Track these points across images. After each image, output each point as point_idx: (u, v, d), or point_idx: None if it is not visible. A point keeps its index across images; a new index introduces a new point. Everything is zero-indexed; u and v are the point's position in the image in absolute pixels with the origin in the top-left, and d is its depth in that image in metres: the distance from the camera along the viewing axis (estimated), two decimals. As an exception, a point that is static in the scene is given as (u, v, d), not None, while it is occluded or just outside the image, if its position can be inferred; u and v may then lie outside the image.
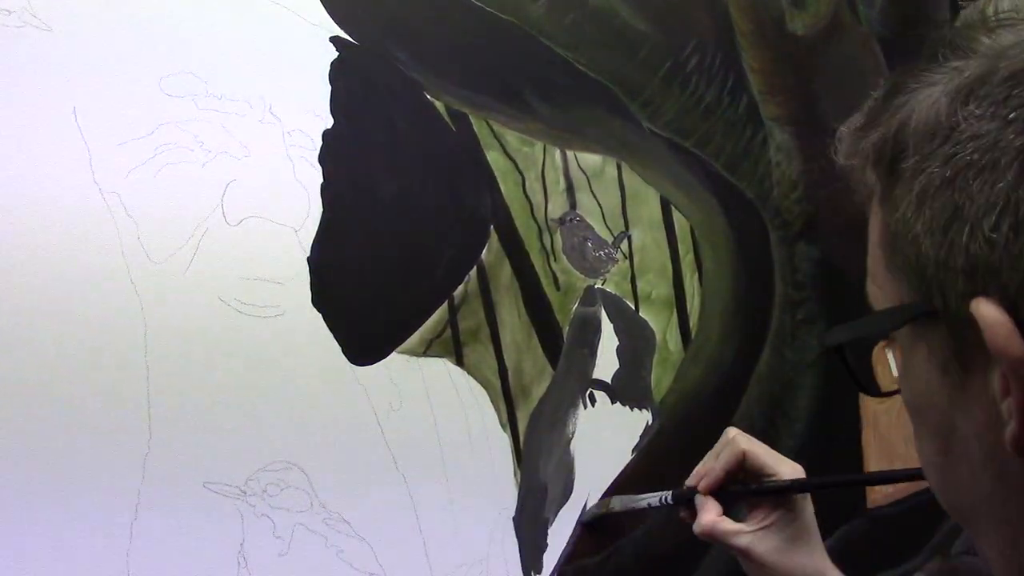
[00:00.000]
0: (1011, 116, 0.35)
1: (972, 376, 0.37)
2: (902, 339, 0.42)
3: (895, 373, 0.45)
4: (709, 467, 0.77)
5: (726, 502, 0.77)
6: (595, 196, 0.95)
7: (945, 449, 0.41)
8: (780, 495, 0.75)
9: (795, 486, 0.75)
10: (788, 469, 0.76)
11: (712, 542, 0.76)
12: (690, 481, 0.80)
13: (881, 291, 0.42)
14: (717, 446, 0.78)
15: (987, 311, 0.35)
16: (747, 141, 1.05)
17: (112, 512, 0.69)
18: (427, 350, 0.84)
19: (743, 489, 0.76)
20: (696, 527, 0.76)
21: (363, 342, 0.81)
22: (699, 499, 0.78)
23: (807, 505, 0.76)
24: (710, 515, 0.75)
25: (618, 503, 0.90)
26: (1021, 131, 0.35)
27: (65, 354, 0.68)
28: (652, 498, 0.85)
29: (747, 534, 0.75)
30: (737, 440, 0.76)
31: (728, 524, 0.75)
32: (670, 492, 0.82)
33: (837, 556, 1.10)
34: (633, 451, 0.97)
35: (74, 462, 0.68)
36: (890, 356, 0.45)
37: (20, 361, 0.66)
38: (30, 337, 0.67)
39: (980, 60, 0.38)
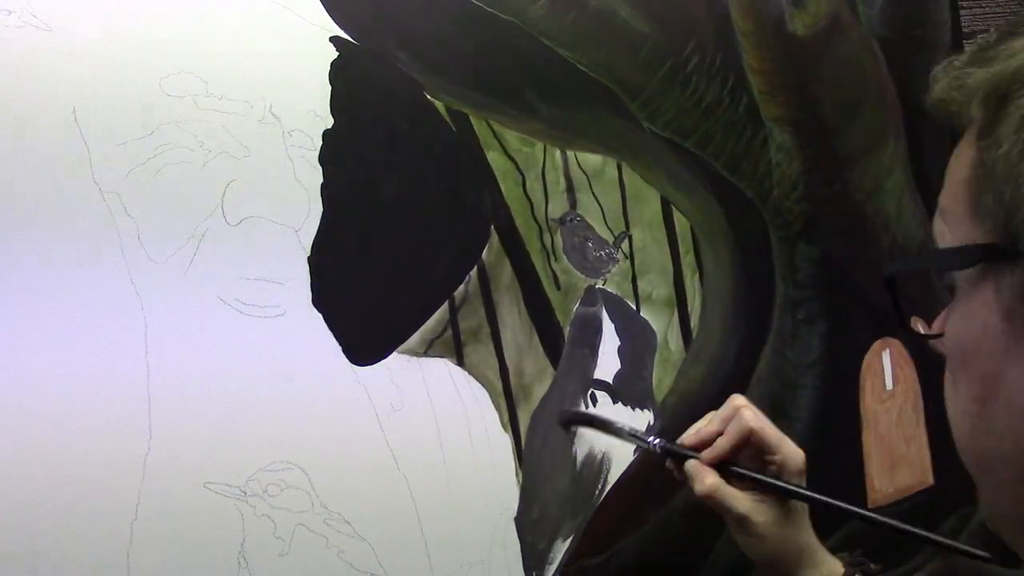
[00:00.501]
0: None
1: None
2: (965, 279, 0.42)
3: (888, 382, 0.45)
4: (709, 432, 0.77)
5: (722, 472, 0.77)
6: (595, 196, 0.95)
7: (984, 397, 0.41)
8: (776, 492, 0.75)
9: (797, 495, 0.75)
10: (790, 451, 0.76)
11: (710, 504, 0.76)
12: (687, 439, 0.79)
13: (950, 229, 0.42)
14: (723, 411, 0.77)
15: None
16: (747, 141, 1.05)
17: (112, 512, 0.69)
18: (428, 350, 0.84)
19: (746, 474, 0.76)
20: (699, 488, 0.76)
21: (363, 342, 0.80)
22: (691, 465, 0.77)
23: (803, 481, 0.77)
24: (712, 478, 0.75)
25: (600, 424, 0.88)
26: None
27: (65, 354, 0.68)
28: (639, 435, 0.83)
29: (747, 501, 0.75)
30: (744, 416, 0.75)
31: (730, 488, 0.75)
32: (659, 441, 0.81)
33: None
34: (635, 451, 0.97)
35: (74, 462, 0.68)
36: (885, 359, 0.45)
37: (20, 361, 0.66)
38: (30, 337, 0.67)
39: None
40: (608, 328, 0.96)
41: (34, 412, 0.67)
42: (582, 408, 0.91)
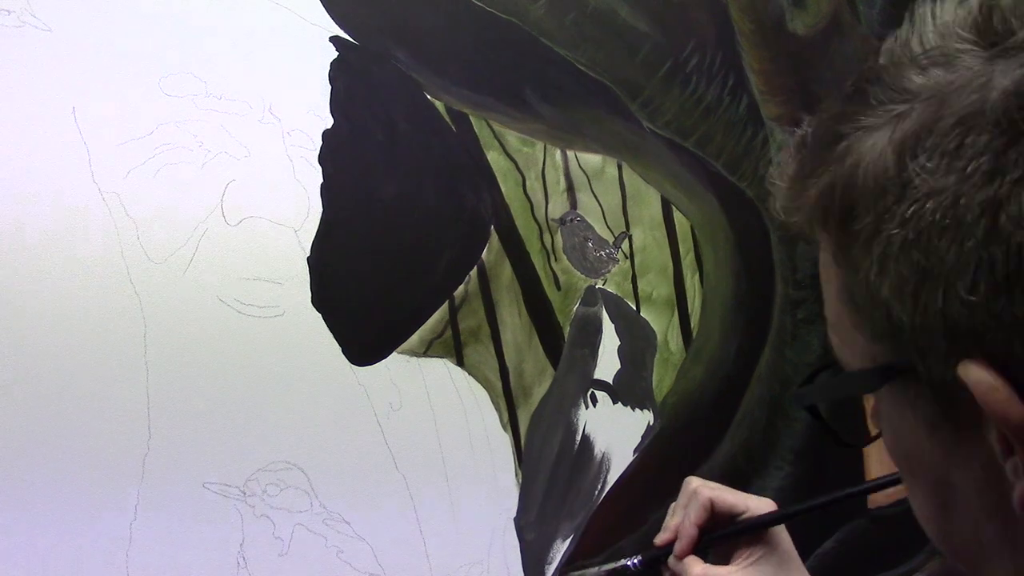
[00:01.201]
0: (968, 168, 0.32)
1: (966, 433, 0.35)
2: (881, 397, 0.39)
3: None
4: (678, 524, 0.76)
5: (703, 552, 0.76)
6: (596, 196, 0.95)
7: (943, 504, 0.38)
8: (754, 531, 0.75)
9: (766, 519, 0.75)
10: (756, 504, 0.75)
11: None
12: (661, 538, 0.78)
13: (846, 346, 0.39)
14: (681, 499, 0.77)
15: (978, 375, 0.32)
16: (747, 141, 1.05)
17: (112, 512, 0.69)
18: (427, 350, 0.84)
19: (719, 533, 0.75)
20: None
21: (363, 342, 0.80)
22: (671, 563, 0.77)
23: (784, 535, 0.76)
24: (697, 567, 0.74)
25: (593, 571, 0.89)
26: (982, 183, 0.32)
27: (64, 354, 0.68)
28: (613, 568, 0.82)
29: (739, 571, 0.74)
30: (700, 491, 0.74)
31: (717, 570, 0.75)
32: (635, 559, 0.80)
33: (837, 557, 1.11)
34: (635, 451, 0.97)
35: (74, 462, 0.68)
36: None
37: (20, 361, 0.66)
38: (30, 337, 0.67)
39: (920, 105, 0.35)
40: (608, 328, 0.96)
41: (33, 412, 0.67)
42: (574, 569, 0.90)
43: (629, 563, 0.80)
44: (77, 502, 0.68)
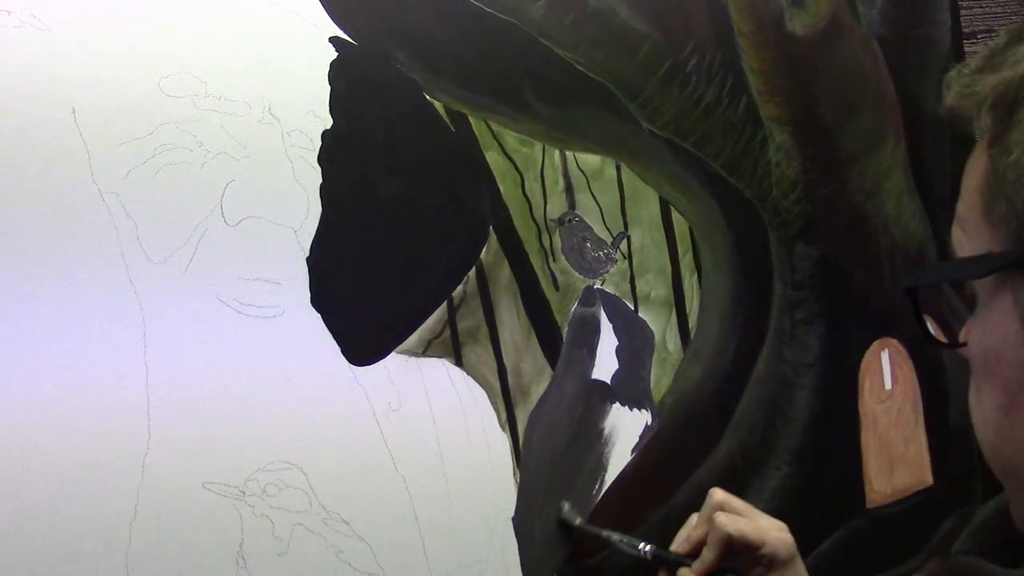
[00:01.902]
0: None
1: None
2: (984, 288, 0.41)
3: (887, 382, 0.45)
4: (697, 537, 0.78)
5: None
6: (594, 196, 0.95)
7: (1008, 405, 0.40)
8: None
9: None
10: (774, 539, 0.77)
11: None
12: (679, 546, 0.81)
13: (968, 237, 0.42)
14: (703, 510, 0.79)
15: None
16: (746, 141, 1.05)
17: (111, 512, 0.69)
18: (426, 350, 0.84)
19: (731, 568, 0.78)
20: None
21: (362, 342, 0.81)
22: (688, 572, 0.79)
23: (797, 560, 0.79)
24: None
25: (605, 532, 0.89)
26: None
27: (64, 354, 0.68)
28: (631, 543, 0.85)
29: None
30: (719, 524, 0.77)
31: None
32: (650, 548, 0.83)
33: (837, 556, 1.11)
34: (632, 451, 0.97)
35: (73, 462, 0.68)
36: (884, 359, 0.45)
37: (20, 361, 0.66)
38: (29, 337, 0.67)
39: None
40: (606, 328, 0.96)
41: (33, 412, 0.67)
42: (575, 520, 0.91)
43: (644, 548, 0.83)
44: (77, 502, 0.68)
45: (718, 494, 0.80)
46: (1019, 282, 0.39)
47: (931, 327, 0.45)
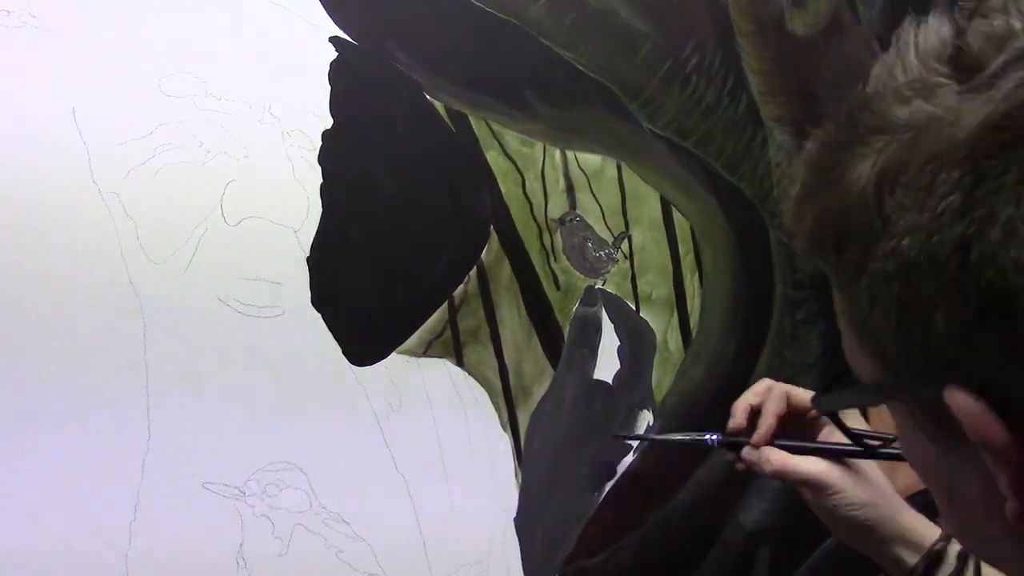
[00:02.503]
0: (940, 207, 0.33)
1: (963, 447, 0.36)
2: (890, 409, 0.41)
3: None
4: (746, 409, 0.77)
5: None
6: (595, 196, 0.95)
7: (952, 504, 0.40)
8: (829, 454, 0.74)
9: (847, 449, 0.73)
10: None
11: (784, 480, 0.75)
12: (733, 424, 0.79)
13: (856, 362, 0.41)
14: (753, 392, 0.78)
15: (960, 401, 0.34)
16: (747, 141, 1.05)
17: (111, 512, 0.69)
18: (427, 350, 0.84)
19: (798, 445, 0.76)
20: (768, 469, 0.75)
21: (363, 342, 0.81)
22: (746, 453, 0.77)
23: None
24: (777, 455, 0.75)
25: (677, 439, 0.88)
26: (952, 221, 0.33)
27: (65, 354, 0.68)
28: (695, 436, 0.83)
29: (818, 461, 0.73)
30: (774, 386, 0.76)
31: (796, 458, 0.75)
32: (716, 435, 0.81)
33: (838, 556, 1.10)
34: (634, 451, 0.97)
35: (74, 462, 0.68)
36: None
37: (20, 361, 0.66)
38: (30, 337, 0.67)
39: (898, 139, 0.35)
40: (607, 328, 0.96)
41: (33, 412, 0.67)
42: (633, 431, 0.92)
43: (708, 438, 0.81)
44: (77, 502, 0.68)
45: (768, 379, 0.78)
46: (910, 407, 0.38)
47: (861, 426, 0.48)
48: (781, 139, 1.07)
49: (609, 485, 0.95)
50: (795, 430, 0.76)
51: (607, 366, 0.96)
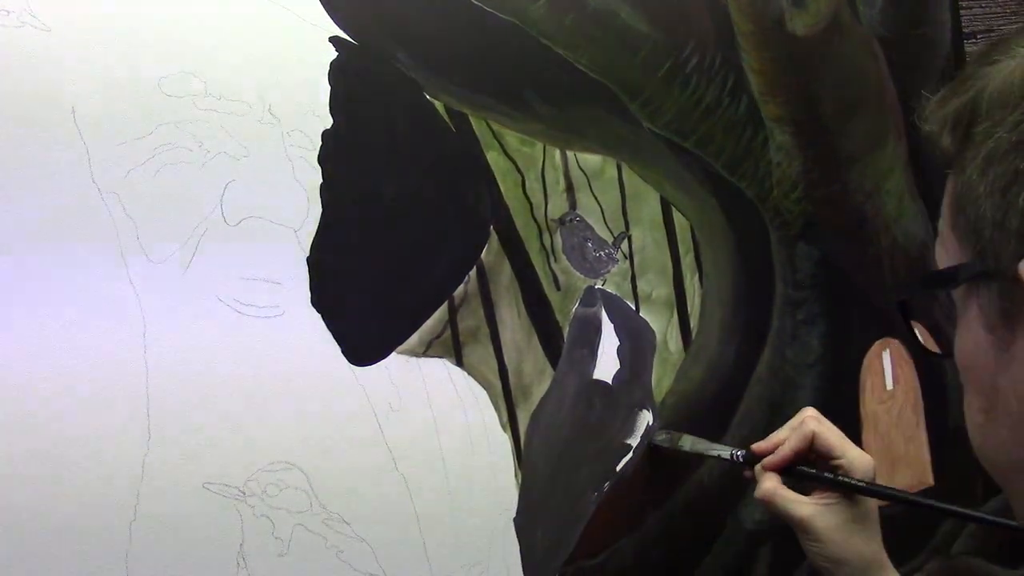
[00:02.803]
0: None
1: (1017, 337, 0.39)
2: (958, 298, 0.43)
3: (888, 383, 0.47)
4: (778, 439, 0.79)
5: (792, 480, 0.79)
6: (595, 196, 0.95)
7: (988, 408, 0.42)
8: (838, 488, 0.76)
9: (864, 489, 0.76)
10: (856, 455, 0.77)
11: (770, 509, 0.78)
12: (760, 446, 0.82)
13: (945, 251, 0.44)
14: (792, 421, 0.80)
15: None
16: (747, 141, 1.05)
17: (111, 513, 0.69)
18: (427, 350, 0.84)
19: (805, 473, 0.78)
20: (757, 492, 0.78)
21: (362, 342, 0.80)
22: (759, 470, 0.80)
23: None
24: (771, 482, 0.77)
25: (688, 443, 0.92)
26: None
27: (63, 354, 0.68)
28: (723, 451, 0.88)
29: (809, 505, 0.75)
30: (807, 422, 0.78)
31: (788, 493, 0.77)
32: (743, 451, 0.84)
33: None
34: (634, 451, 0.97)
35: (73, 462, 0.68)
36: (885, 359, 0.47)
37: (19, 361, 0.66)
38: (29, 337, 0.67)
39: None
40: (607, 328, 0.96)
41: (33, 412, 0.67)
42: (667, 437, 0.94)
43: (736, 454, 0.85)
44: (76, 503, 0.68)
45: (810, 409, 0.81)
46: (983, 292, 0.41)
47: (923, 336, 0.49)
48: (781, 139, 1.07)
49: (609, 485, 0.95)
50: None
51: (607, 366, 0.96)
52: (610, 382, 0.96)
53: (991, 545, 1.24)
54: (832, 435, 0.78)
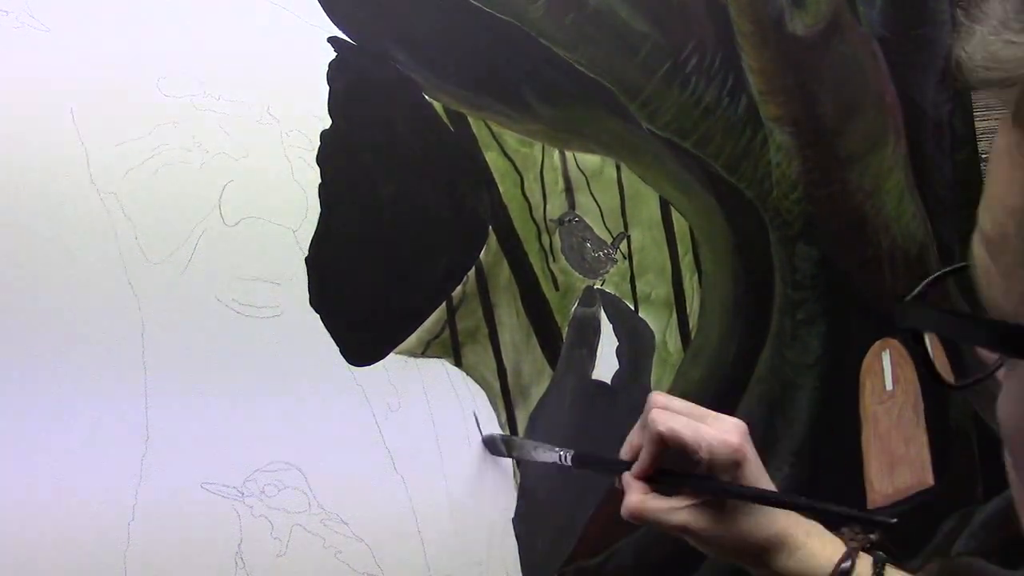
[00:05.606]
0: None
1: None
2: (1018, 364, 0.31)
3: (888, 383, 0.37)
4: (636, 446, 0.70)
5: (661, 484, 0.70)
6: (594, 196, 0.95)
7: None
8: (703, 491, 0.67)
9: (717, 490, 0.67)
10: (713, 441, 0.66)
11: (642, 523, 0.69)
12: (624, 453, 0.72)
13: (1001, 276, 0.29)
14: (642, 418, 0.70)
15: None
16: (747, 141, 1.05)
17: (109, 513, 0.69)
18: (425, 351, 0.84)
19: (672, 480, 0.68)
20: (623, 510, 0.69)
21: (361, 343, 0.80)
22: (625, 479, 0.71)
23: (748, 463, 0.67)
24: (635, 495, 0.68)
25: (521, 450, 0.83)
26: None
27: (62, 354, 0.68)
28: (551, 455, 0.79)
29: (681, 510, 0.67)
30: (654, 420, 0.67)
31: (656, 503, 0.67)
32: (571, 453, 0.75)
33: (837, 557, 1.10)
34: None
35: (71, 463, 0.68)
36: (885, 360, 0.38)
37: (18, 361, 0.66)
38: (28, 337, 0.67)
39: None
40: (606, 329, 0.96)
41: (30, 413, 0.67)
42: (500, 439, 0.87)
43: (563, 454, 0.77)
44: (74, 503, 0.68)
45: (658, 396, 0.69)
46: None
47: (940, 363, 0.37)
48: (781, 139, 1.07)
49: (609, 485, 0.95)
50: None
51: (606, 366, 0.96)
52: (609, 382, 0.96)
53: (992, 545, 1.24)
54: (681, 427, 0.66)
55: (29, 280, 0.67)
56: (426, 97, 0.86)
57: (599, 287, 0.96)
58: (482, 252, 0.88)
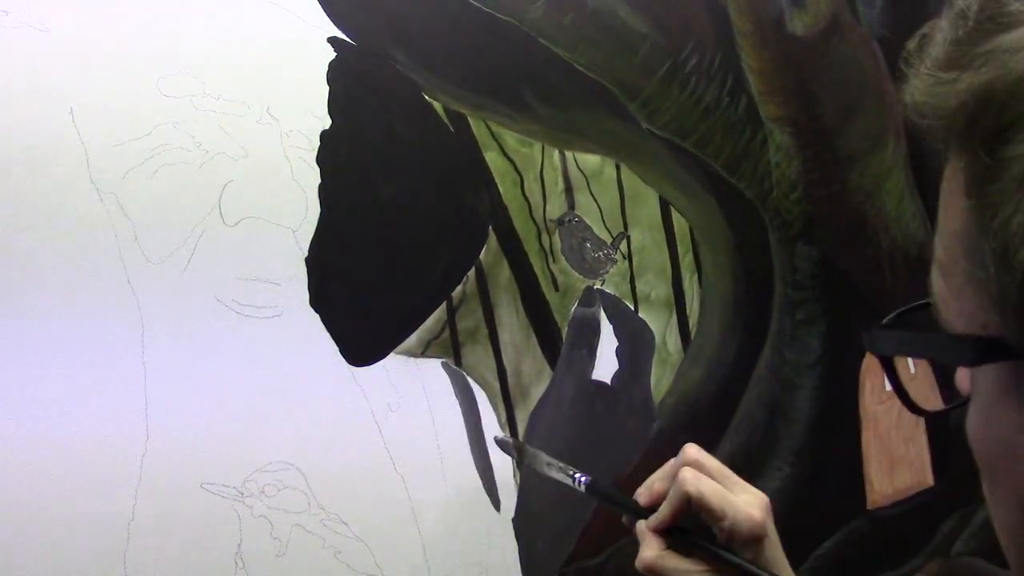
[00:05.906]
0: None
1: None
2: (980, 374, 0.32)
3: (888, 384, 0.38)
4: (658, 492, 0.69)
5: (676, 541, 0.69)
6: (594, 197, 0.95)
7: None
8: (717, 562, 0.66)
9: (733, 562, 0.66)
10: (739, 516, 0.66)
11: None
12: (640, 496, 0.71)
13: (953, 300, 0.31)
14: (670, 465, 0.70)
15: None
16: (747, 142, 1.05)
17: (109, 513, 0.69)
18: (425, 351, 0.84)
19: (691, 541, 0.68)
20: (638, 561, 0.68)
21: (361, 343, 0.80)
22: (639, 529, 0.70)
23: (767, 542, 0.67)
24: (653, 550, 0.67)
25: (534, 460, 0.80)
26: None
27: (62, 354, 0.68)
28: (566, 474, 0.77)
29: (698, 574, 0.66)
30: (683, 480, 0.66)
31: (675, 560, 0.67)
32: (587, 480, 0.74)
33: (838, 557, 1.10)
34: (633, 452, 0.97)
35: (71, 463, 0.68)
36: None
37: (17, 361, 0.66)
38: (27, 338, 0.67)
39: None
40: (606, 329, 0.95)
41: (31, 412, 0.67)
42: (513, 444, 0.84)
43: (579, 478, 0.75)
44: (75, 503, 0.68)
45: (691, 450, 0.68)
46: (1021, 377, 0.29)
47: (914, 390, 0.37)
48: (781, 139, 1.07)
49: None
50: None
51: (606, 367, 0.95)
52: (609, 382, 0.96)
53: (992, 545, 1.24)
54: (710, 491, 0.66)
55: (29, 280, 0.67)
56: (426, 97, 0.86)
57: (599, 287, 0.95)
58: (482, 252, 0.88)
